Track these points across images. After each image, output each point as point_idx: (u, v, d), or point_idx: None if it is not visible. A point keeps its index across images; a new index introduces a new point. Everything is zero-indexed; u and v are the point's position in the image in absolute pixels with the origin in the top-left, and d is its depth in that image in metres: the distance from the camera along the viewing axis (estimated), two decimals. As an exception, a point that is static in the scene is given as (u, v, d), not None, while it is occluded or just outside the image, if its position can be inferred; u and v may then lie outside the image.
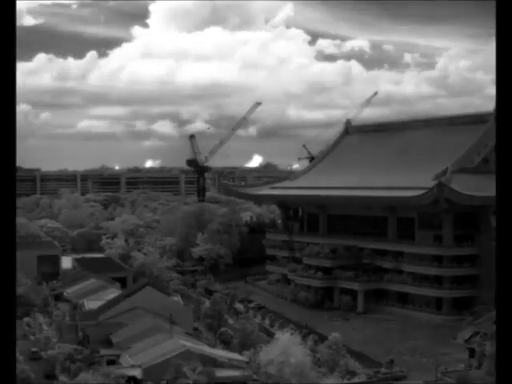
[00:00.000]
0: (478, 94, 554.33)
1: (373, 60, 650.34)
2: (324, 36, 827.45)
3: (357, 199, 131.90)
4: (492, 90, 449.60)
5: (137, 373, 73.67)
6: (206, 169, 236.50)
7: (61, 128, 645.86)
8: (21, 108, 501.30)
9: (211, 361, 75.25)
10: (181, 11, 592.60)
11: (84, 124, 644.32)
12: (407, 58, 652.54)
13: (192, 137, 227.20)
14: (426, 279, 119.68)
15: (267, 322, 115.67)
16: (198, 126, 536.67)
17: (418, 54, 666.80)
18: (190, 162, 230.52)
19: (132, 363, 77.11)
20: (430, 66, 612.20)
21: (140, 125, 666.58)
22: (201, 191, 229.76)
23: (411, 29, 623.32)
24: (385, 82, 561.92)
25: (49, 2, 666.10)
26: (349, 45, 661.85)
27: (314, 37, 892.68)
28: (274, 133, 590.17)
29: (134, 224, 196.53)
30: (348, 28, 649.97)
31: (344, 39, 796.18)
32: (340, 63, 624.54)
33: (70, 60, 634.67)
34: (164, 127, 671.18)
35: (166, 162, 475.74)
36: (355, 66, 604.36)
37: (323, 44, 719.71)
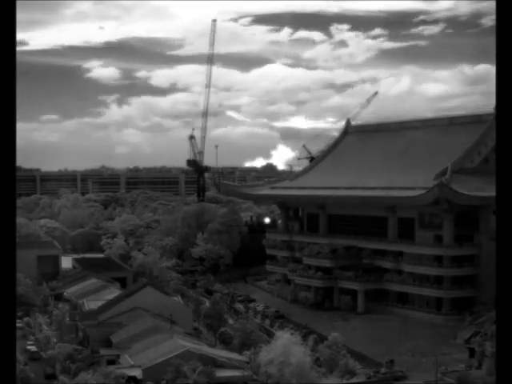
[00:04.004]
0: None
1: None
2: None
3: (357, 199, 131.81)
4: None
5: (137, 373, 73.67)
6: (206, 169, 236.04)
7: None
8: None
9: (211, 361, 75.22)
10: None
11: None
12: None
13: (192, 137, 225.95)
14: (426, 279, 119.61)
15: (267, 321, 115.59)
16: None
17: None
18: (190, 163, 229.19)
19: (132, 363, 77.13)
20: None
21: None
22: (201, 191, 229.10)
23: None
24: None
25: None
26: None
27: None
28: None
29: (134, 224, 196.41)
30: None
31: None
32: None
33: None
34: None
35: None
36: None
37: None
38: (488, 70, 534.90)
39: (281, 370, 74.05)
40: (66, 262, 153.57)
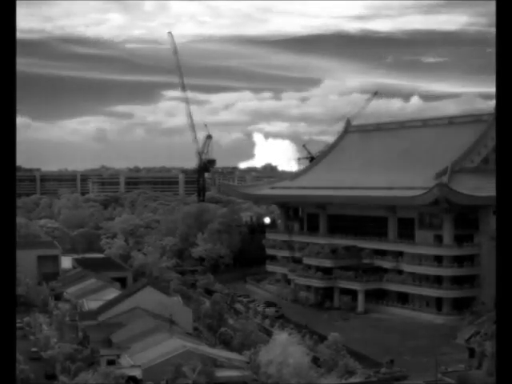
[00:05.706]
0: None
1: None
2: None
3: (357, 199, 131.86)
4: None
5: (137, 373, 73.60)
6: (207, 169, 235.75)
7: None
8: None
9: (211, 361, 75.16)
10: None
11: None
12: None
13: (209, 137, 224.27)
14: (426, 279, 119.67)
15: (267, 321, 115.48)
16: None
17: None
18: (210, 162, 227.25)
19: (132, 363, 77.03)
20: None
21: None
22: (201, 191, 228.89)
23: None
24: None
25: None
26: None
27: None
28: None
29: (134, 224, 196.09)
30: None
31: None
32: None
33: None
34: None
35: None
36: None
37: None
38: None
39: (280, 370, 74.04)
40: (66, 262, 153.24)
